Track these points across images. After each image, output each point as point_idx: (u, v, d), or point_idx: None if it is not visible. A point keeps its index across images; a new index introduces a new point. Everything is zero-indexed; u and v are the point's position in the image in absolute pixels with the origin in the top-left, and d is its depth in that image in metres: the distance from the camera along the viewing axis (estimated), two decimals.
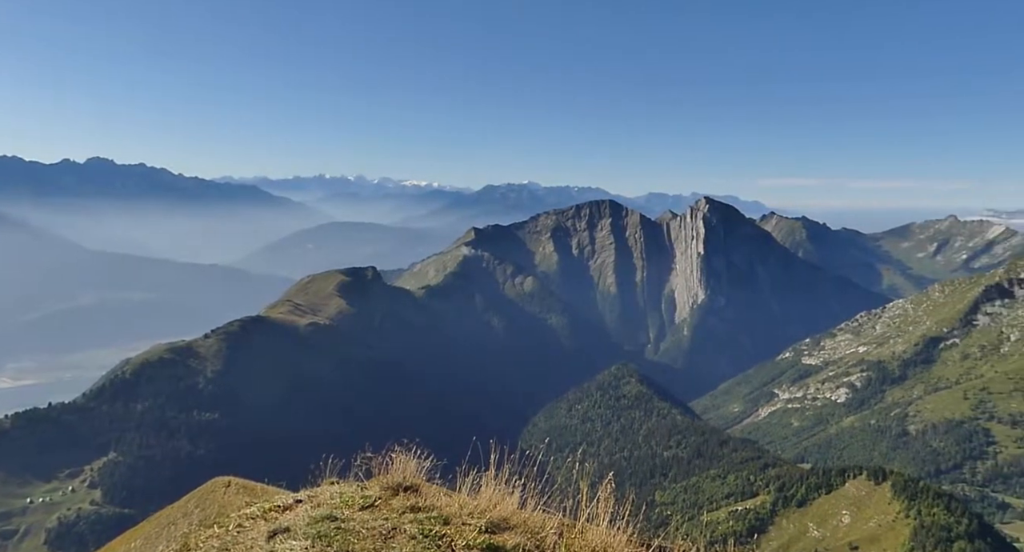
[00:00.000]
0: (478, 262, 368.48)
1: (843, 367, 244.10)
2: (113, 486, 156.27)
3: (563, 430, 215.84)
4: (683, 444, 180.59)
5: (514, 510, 6.73)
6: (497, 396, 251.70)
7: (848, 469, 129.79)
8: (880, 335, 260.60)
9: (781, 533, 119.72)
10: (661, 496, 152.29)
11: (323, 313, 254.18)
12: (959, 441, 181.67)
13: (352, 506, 6.63)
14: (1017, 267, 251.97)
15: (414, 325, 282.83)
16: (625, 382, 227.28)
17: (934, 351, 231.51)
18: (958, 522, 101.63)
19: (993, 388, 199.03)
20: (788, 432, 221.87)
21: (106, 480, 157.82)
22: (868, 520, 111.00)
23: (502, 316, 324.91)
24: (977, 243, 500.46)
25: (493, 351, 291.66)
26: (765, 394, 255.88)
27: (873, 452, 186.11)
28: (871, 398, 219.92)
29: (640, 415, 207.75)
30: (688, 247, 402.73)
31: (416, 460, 7.63)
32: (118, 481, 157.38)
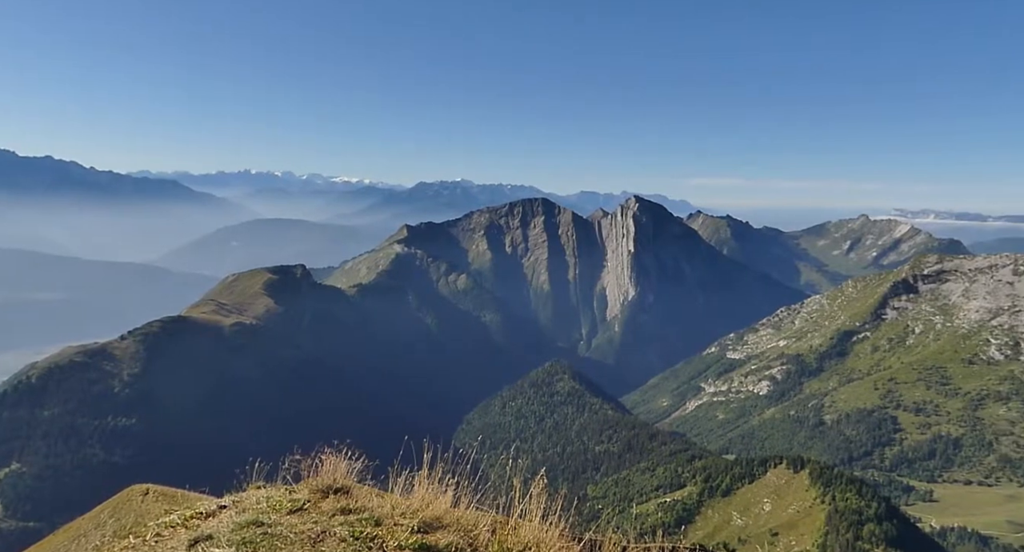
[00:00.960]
0: (411, 260, 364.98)
1: (765, 361, 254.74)
2: (17, 498, 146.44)
3: (497, 428, 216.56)
4: (614, 439, 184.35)
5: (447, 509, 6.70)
6: (431, 395, 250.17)
7: (769, 459, 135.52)
8: (799, 329, 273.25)
9: (707, 522, 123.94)
10: (593, 490, 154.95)
11: (249, 312, 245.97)
12: (869, 429, 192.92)
13: (280, 510, 6.43)
14: (921, 264, 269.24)
15: (346, 324, 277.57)
16: (558, 379, 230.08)
17: (847, 344, 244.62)
18: (868, 506, 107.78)
19: (900, 378, 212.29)
20: (714, 424, 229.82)
21: (8, 492, 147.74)
22: (788, 507, 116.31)
23: (436, 314, 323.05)
24: (886, 241, 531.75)
25: (427, 350, 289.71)
26: (692, 388, 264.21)
27: (793, 441, 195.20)
28: (791, 390, 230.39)
29: (573, 411, 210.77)
30: (619, 245, 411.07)
31: (347, 461, 7.49)
32: (22, 493, 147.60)
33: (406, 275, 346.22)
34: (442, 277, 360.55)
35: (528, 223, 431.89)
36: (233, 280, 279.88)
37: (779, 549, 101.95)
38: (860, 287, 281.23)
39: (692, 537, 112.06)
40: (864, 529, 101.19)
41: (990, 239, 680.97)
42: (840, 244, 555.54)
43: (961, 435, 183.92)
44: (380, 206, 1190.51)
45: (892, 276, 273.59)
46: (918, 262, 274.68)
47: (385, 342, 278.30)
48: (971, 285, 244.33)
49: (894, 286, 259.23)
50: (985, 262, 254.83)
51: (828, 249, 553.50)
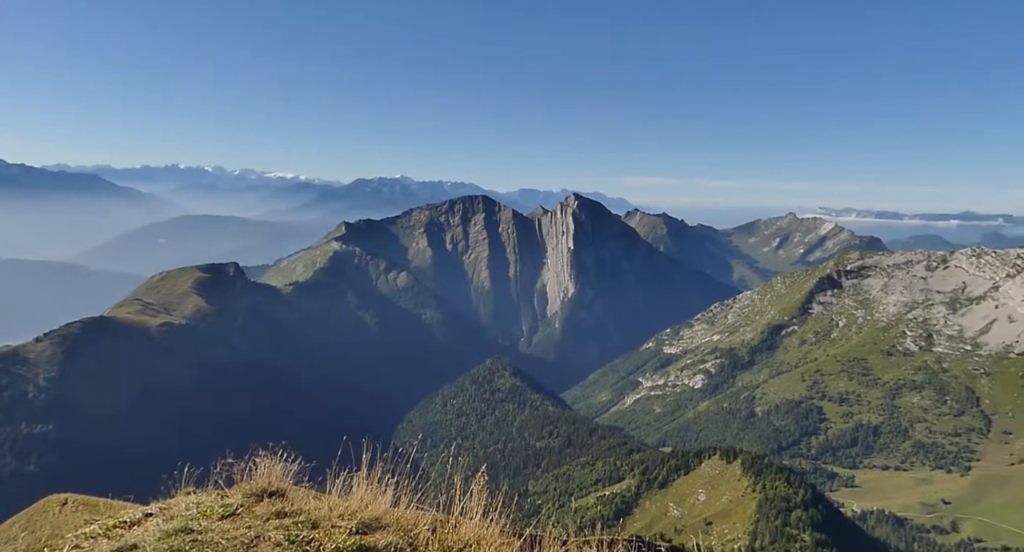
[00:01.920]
0: (350, 257, 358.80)
1: (700, 355, 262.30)
2: None
3: (438, 426, 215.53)
4: (555, 434, 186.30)
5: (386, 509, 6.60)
6: (371, 394, 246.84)
7: (704, 451, 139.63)
8: (731, 324, 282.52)
9: (645, 514, 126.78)
10: (534, 486, 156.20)
11: (178, 312, 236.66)
12: (797, 419, 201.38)
13: (211, 516, 6.20)
14: (844, 260, 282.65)
15: (281, 323, 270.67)
16: (499, 375, 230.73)
17: (777, 338, 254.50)
18: (796, 493, 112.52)
19: (825, 370, 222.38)
20: (651, 418, 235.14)
21: None
22: (721, 497, 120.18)
23: (375, 312, 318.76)
24: (812, 238, 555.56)
25: (366, 348, 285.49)
26: (630, 383, 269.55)
27: (726, 433, 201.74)
28: (724, 383, 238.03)
29: (514, 407, 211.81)
30: (559, 242, 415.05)
31: (283, 464, 7.29)
32: None
33: (344, 273, 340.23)
34: (381, 275, 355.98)
35: (469, 220, 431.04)
36: (161, 279, 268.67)
37: (713, 538, 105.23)
38: (788, 283, 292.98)
39: (630, 529, 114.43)
40: (792, 515, 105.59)
41: (906, 237, 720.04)
42: (770, 241, 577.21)
43: (880, 423, 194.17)
44: (317, 203, 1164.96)
45: (818, 272, 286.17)
46: (841, 259, 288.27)
47: (323, 341, 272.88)
48: (889, 280, 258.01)
49: (820, 282, 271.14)
50: (902, 258, 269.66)
51: (759, 246, 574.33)
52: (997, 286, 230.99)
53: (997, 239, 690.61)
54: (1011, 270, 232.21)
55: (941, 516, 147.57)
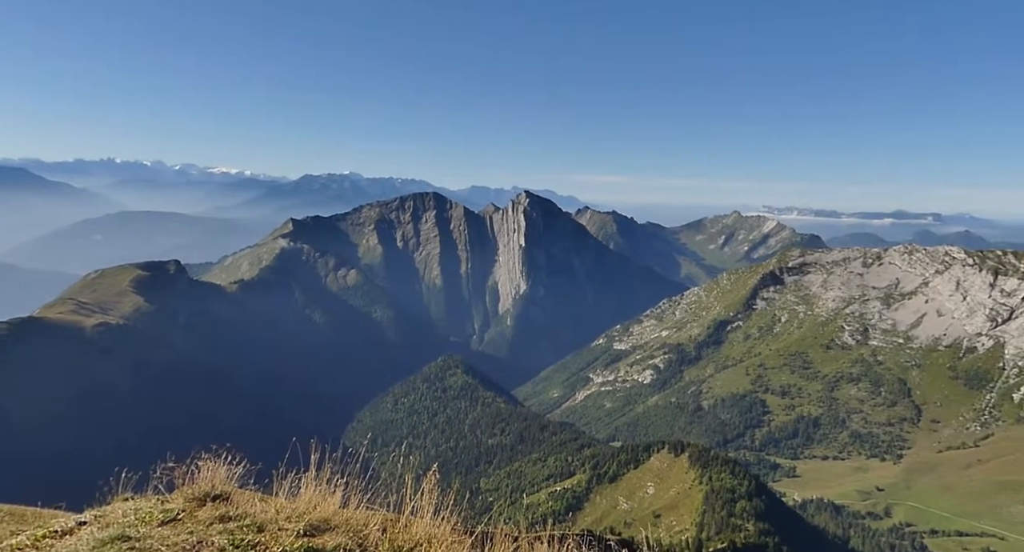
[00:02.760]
0: (297, 255, 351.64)
1: (649, 351, 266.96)
2: None
3: (389, 425, 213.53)
4: (507, 431, 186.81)
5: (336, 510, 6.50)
6: (319, 394, 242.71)
7: (653, 444, 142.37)
8: (679, 320, 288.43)
9: (595, 508, 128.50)
10: (486, 483, 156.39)
11: (115, 312, 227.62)
12: (742, 412, 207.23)
13: (150, 522, 5.97)
14: (786, 257, 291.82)
15: (226, 322, 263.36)
16: (451, 373, 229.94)
17: (723, 333, 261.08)
18: (740, 484, 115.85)
19: (768, 364, 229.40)
20: (602, 413, 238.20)
21: None
22: (669, 489, 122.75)
23: (324, 310, 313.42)
24: (756, 236, 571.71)
25: (315, 347, 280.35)
26: (581, 379, 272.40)
27: (674, 427, 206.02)
28: (672, 378, 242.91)
29: (466, 405, 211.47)
30: (510, 239, 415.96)
31: (226, 466, 7.08)
32: None
33: (292, 270, 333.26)
34: (330, 272, 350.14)
35: (420, 217, 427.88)
36: (96, 277, 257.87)
37: (661, 530, 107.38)
38: (734, 279, 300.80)
39: (581, 523, 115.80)
40: (737, 506, 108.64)
41: (844, 234, 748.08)
42: (716, 239, 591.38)
43: (819, 415, 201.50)
44: (262, 199, 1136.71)
45: (761, 269, 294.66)
46: (784, 256, 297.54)
47: (270, 340, 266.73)
48: (828, 276, 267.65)
49: (763, 278, 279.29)
50: (840, 256, 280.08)
51: (705, 243, 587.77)
52: (927, 282, 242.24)
53: (927, 237, 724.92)
54: (939, 267, 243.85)
55: (875, 503, 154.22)
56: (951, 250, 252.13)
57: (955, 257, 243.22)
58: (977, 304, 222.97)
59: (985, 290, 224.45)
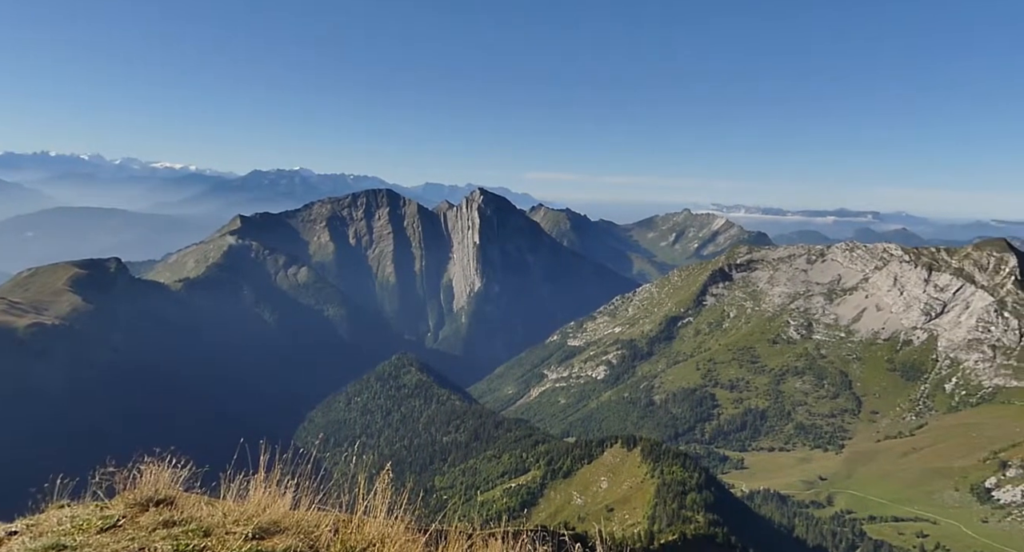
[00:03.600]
0: (246, 252, 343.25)
1: (602, 347, 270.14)
2: None
3: (341, 424, 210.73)
4: (461, 428, 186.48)
5: (286, 512, 6.37)
6: (270, 394, 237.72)
7: (606, 439, 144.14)
8: (632, 316, 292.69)
9: (550, 504, 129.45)
10: (440, 481, 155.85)
11: (51, 312, 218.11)
12: (692, 406, 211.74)
13: (88, 530, 5.73)
14: (735, 254, 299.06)
15: (171, 322, 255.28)
16: (405, 371, 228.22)
17: (674, 329, 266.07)
18: (691, 477, 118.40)
19: (717, 359, 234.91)
20: (556, 409, 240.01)
21: None
22: (622, 483, 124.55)
23: (274, 309, 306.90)
24: (705, 233, 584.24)
25: (265, 346, 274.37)
26: (536, 375, 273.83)
27: (627, 422, 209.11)
28: (625, 373, 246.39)
29: (420, 403, 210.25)
30: (465, 237, 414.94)
31: (171, 470, 6.85)
32: None
33: (240, 268, 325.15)
34: (281, 270, 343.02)
35: (373, 214, 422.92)
36: (29, 275, 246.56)
37: (614, 523, 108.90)
38: (684, 276, 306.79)
39: (536, 519, 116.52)
40: (687, 498, 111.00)
41: (789, 232, 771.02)
42: (667, 236, 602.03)
43: (766, 407, 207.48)
44: (208, 195, 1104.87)
45: (711, 266, 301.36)
46: (732, 253, 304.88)
47: (217, 340, 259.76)
48: (775, 273, 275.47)
49: (712, 275, 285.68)
50: (785, 253, 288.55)
51: (657, 241, 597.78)
52: (867, 278, 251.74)
53: (867, 234, 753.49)
54: (878, 263, 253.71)
55: (818, 492, 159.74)
56: (889, 247, 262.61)
57: (893, 254, 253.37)
58: (913, 299, 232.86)
59: (920, 285, 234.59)
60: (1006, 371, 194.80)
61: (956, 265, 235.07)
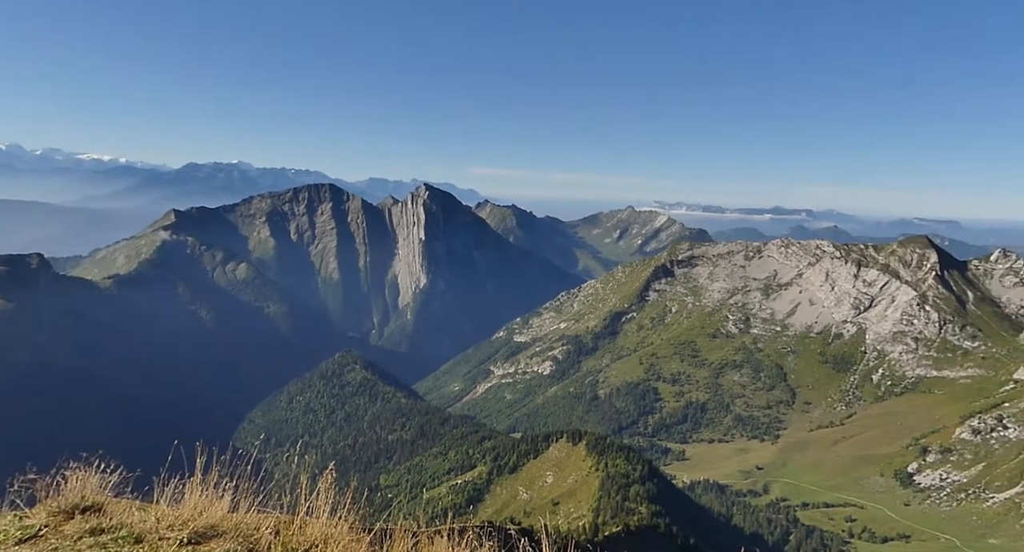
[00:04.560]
0: (181, 248, 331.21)
1: (548, 342, 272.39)
2: None
3: (283, 424, 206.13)
4: (407, 426, 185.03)
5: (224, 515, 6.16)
6: (206, 395, 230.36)
7: (552, 434, 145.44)
8: (577, 312, 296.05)
9: (496, 500, 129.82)
10: (386, 479, 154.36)
11: None
12: (636, 400, 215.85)
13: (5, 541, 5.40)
14: (676, 251, 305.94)
15: (99, 321, 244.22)
16: (349, 369, 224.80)
17: (618, 324, 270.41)
18: (634, 469, 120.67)
19: (660, 353, 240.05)
20: (502, 405, 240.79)
21: None
22: (567, 477, 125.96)
23: (211, 307, 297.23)
24: (648, 230, 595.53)
25: (201, 345, 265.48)
26: (482, 372, 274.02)
27: (572, 416, 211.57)
28: (570, 369, 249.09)
29: (365, 401, 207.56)
30: (410, 233, 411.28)
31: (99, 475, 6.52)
32: None
33: (175, 265, 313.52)
34: (218, 266, 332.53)
35: (315, 210, 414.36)
36: None
37: (560, 517, 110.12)
38: (628, 272, 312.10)
39: (482, 515, 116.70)
40: (631, 491, 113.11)
41: (728, 229, 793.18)
42: (611, 233, 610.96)
43: (706, 400, 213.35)
44: (139, 188, 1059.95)
45: (653, 262, 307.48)
46: (674, 249, 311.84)
47: (150, 339, 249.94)
48: (714, 269, 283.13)
49: (655, 271, 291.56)
50: (724, 249, 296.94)
51: (601, 237, 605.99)
52: (801, 273, 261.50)
53: (801, 231, 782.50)
54: (811, 259, 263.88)
55: (755, 481, 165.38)
56: (821, 244, 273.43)
57: (825, 250, 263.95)
58: (843, 294, 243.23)
59: (850, 280, 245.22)
60: (927, 362, 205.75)
61: (883, 261, 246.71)
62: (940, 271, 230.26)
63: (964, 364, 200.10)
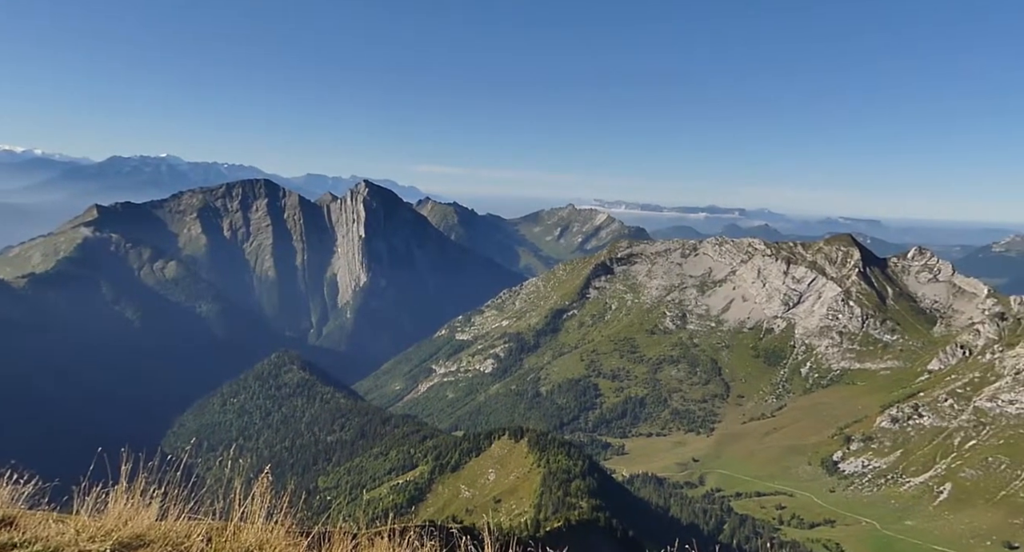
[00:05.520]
0: (104, 245, 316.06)
1: (490, 340, 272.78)
2: None
3: (216, 427, 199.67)
4: (347, 427, 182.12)
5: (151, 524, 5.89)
6: (133, 399, 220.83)
7: (494, 432, 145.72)
8: (519, 310, 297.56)
9: (438, 499, 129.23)
10: (324, 481, 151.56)
11: None
12: (577, 396, 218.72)
13: None
14: (615, 249, 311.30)
15: (12, 322, 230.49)
16: (286, 370, 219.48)
17: (559, 321, 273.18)
18: (575, 465, 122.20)
19: (600, 349, 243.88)
20: (444, 404, 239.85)
21: None
22: (509, 474, 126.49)
23: (138, 307, 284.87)
24: (589, 228, 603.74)
25: (127, 347, 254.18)
26: (424, 370, 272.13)
27: (514, 413, 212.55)
28: (512, 366, 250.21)
29: (303, 402, 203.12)
30: (350, 230, 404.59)
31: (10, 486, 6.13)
32: None
33: (97, 263, 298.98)
34: (145, 264, 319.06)
35: (249, 206, 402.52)
36: None
37: (502, 514, 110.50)
38: (569, 270, 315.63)
39: (424, 514, 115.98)
40: (572, 486, 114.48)
41: (665, 227, 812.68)
42: (552, 231, 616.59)
43: (645, 395, 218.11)
44: (58, 182, 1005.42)
45: (594, 260, 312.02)
46: (613, 247, 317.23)
47: (70, 341, 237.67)
48: (652, 266, 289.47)
49: (595, 268, 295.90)
50: (662, 247, 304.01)
51: (542, 235, 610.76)
52: (734, 271, 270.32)
53: (735, 230, 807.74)
54: (744, 256, 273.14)
55: (692, 473, 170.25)
56: (753, 242, 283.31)
57: (756, 248, 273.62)
58: (774, 290, 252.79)
59: (780, 277, 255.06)
60: (851, 355, 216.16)
61: (810, 259, 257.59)
62: (863, 268, 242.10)
63: (884, 356, 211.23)
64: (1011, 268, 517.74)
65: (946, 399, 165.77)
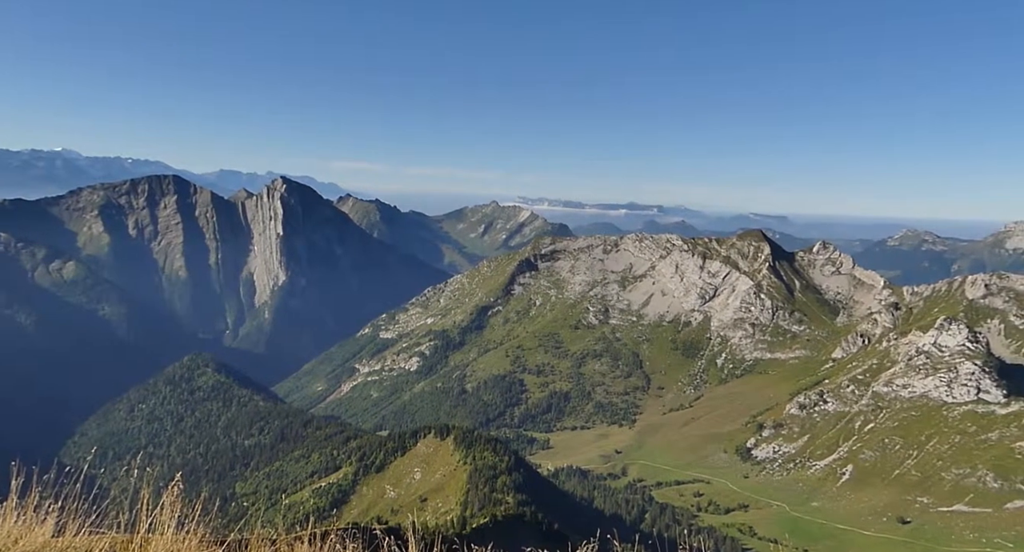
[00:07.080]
0: None
1: (415, 338, 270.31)
2: None
3: (122, 435, 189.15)
4: (266, 430, 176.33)
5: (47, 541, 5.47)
6: (26, 407, 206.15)
7: (419, 430, 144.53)
8: (444, 307, 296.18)
9: (362, 500, 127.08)
10: (242, 487, 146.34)
11: None
12: (503, 392, 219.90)
13: None
14: (539, 245, 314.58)
15: None
16: (200, 373, 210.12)
17: (484, 318, 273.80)
18: (501, 460, 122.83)
19: (525, 345, 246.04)
20: (369, 403, 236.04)
21: None
22: (435, 472, 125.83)
23: (32, 310, 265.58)
24: (512, 225, 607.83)
25: (20, 352, 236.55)
26: (347, 370, 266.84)
27: (440, 411, 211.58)
28: (438, 364, 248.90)
29: (218, 406, 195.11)
30: (266, 228, 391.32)
31: None
32: None
33: None
34: (40, 265, 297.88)
35: (157, 203, 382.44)
36: None
37: (428, 513, 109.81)
38: (493, 266, 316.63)
39: (347, 517, 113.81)
40: (498, 482, 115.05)
41: (587, 223, 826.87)
42: (476, 228, 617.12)
43: (569, 389, 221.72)
44: None
45: (518, 256, 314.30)
46: (537, 244, 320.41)
47: None
48: (575, 263, 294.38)
49: (520, 265, 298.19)
50: (584, 243, 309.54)
51: (466, 232, 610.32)
52: (654, 266, 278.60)
53: (653, 226, 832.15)
54: (663, 252, 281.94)
55: (615, 464, 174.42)
56: (671, 238, 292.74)
57: (674, 244, 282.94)
58: (691, 284, 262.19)
59: (697, 272, 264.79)
60: (762, 345, 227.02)
61: (724, 254, 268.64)
62: (772, 262, 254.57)
63: (792, 346, 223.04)
64: (903, 261, 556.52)
65: (848, 385, 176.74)
